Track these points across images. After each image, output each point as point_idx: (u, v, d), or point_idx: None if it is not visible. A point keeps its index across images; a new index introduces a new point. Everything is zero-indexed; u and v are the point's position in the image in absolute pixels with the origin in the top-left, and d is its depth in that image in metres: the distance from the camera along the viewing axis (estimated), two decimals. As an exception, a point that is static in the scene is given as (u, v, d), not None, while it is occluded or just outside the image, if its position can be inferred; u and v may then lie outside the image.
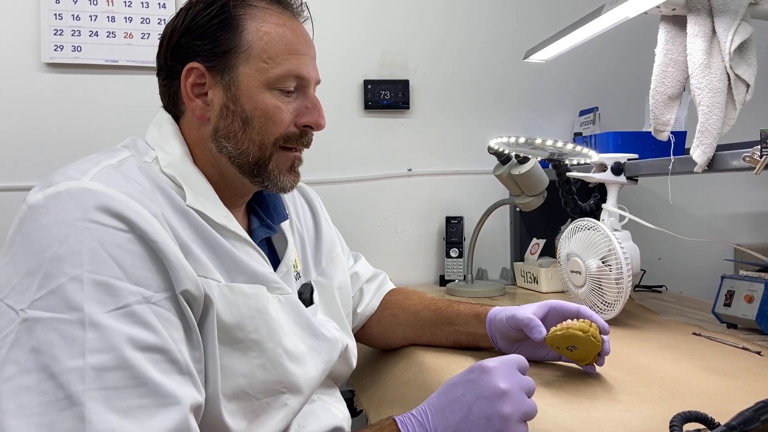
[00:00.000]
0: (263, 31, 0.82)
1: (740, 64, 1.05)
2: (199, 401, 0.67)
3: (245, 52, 0.82)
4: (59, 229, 0.64)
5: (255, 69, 0.82)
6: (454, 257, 1.81)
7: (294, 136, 0.85)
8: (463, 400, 0.68)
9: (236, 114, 0.82)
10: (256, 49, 0.82)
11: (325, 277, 1.01)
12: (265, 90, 0.82)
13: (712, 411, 0.64)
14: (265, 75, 0.82)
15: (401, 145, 1.88)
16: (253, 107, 0.82)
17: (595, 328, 0.87)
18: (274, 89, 0.83)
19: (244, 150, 0.83)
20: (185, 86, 0.83)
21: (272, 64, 0.82)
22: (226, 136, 0.83)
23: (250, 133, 0.83)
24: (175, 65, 0.84)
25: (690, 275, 1.94)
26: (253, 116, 0.82)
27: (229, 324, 0.75)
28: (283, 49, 0.83)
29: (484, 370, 0.69)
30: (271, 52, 0.82)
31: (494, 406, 0.66)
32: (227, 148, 0.83)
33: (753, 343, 1.06)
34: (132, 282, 0.65)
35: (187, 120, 0.86)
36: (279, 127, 0.84)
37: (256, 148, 0.83)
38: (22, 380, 0.59)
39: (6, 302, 0.63)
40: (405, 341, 1.12)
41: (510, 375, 0.69)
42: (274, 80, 0.82)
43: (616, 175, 1.28)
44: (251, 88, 0.82)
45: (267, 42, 0.82)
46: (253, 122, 0.82)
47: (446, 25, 1.90)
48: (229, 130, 0.83)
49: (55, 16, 1.64)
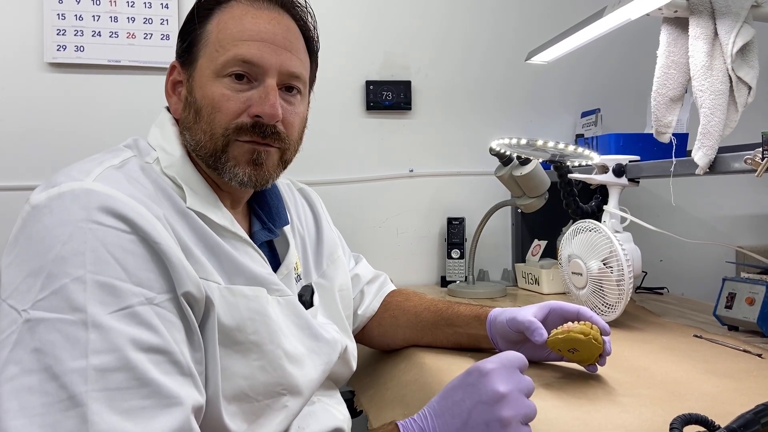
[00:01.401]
0: (223, 22, 0.82)
1: (742, 67, 1.05)
2: (200, 402, 0.68)
3: (203, 42, 0.82)
4: (62, 229, 0.65)
5: (207, 59, 0.81)
6: (455, 258, 1.81)
7: (245, 127, 0.80)
8: (462, 405, 0.67)
9: (191, 105, 0.82)
10: (212, 39, 0.82)
11: (326, 278, 1.01)
12: (215, 79, 0.81)
13: (712, 413, 0.64)
14: (214, 63, 0.80)
15: (403, 146, 1.89)
16: (202, 96, 0.81)
17: (596, 330, 0.87)
18: (223, 77, 0.80)
19: (198, 140, 0.82)
20: (166, 83, 0.86)
21: (222, 52, 0.80)
22: (186, 128, 0.83)
23: (201, 124, 0.81)
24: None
25: (691, 277, 1.94)
26: (202, 106, 0.81)
27: (229, 326, 0.75)
28: (235, 35, 0.80)
29: (482, 374, 0.68)
30: (222, 40, 0.81)
31: (493, 411, 0.65)
32: (188, 140, 0.83)
33: (754, 346, 1.06)
34: (134, 283, 0.65)
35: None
36: (225, 117, 0.80)
37: (207, 138, 0.81)
38: (24, 381, 0.59)
39: (8, 303, 0.63)
40: (405, 342, 1.12)
41: (508, 377, 0.68)
42: (221, 67, 0.80)
43: (618, 177, 1.28)
44: (203, 77, 0.81)
45: (221, 30, 0.81)
46: (202, 112, 0.81)
47: (448, 26, 1.90)
48: (186, 121, 0.83)
49: (58, 16, 1.65)
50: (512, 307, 0.99)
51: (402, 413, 0.96)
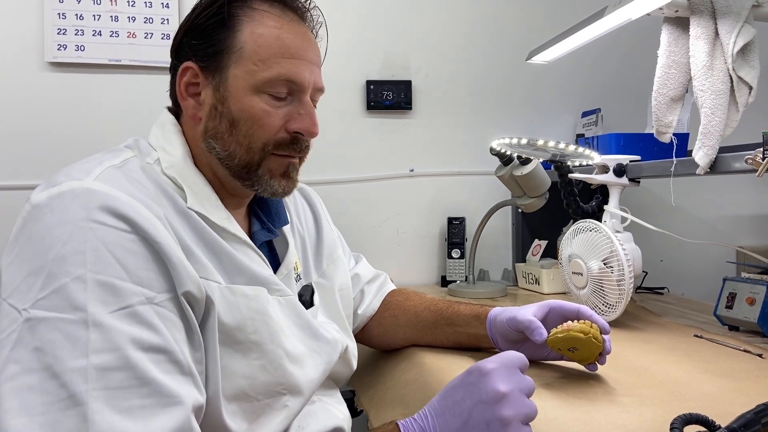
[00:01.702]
0: (257, 33, 0.80)
1: (743, 66, 1.05)
2: (200, 402, 0.68)
3: (237, 53, 0.80)
4: (63, 229, 0.65)
5: (245, 71, 0.80)
6: (455, 258, 1.81)
7: (285, 142, 0.83)
8: (462, 405, 0.67)
9: (223, 115, 0.81)
10: (248, 51, 0.80)
11: (326, 278, 1.01)
12: (253, 93, 0.81)
13: (713, 413, 0.64)
14: (254, 78, 0.80)
15: (403, 146, 1.89)
16: (240, 110, 0.80)
17: (595, 329, 0.87)
18: (263, 93, 0.81)
19: (231, 152, 0.82)
20: (179, 85, 0.83)
21: (262, 67, 0.80)
22: (214, 137, 0.82)
23: (236, 136, 0.81)
24: (177, 64, 0.84)
25: (692, 277, 1.94)
26: (239, 119, 0.81)
27: (229, 325, 0.75)
28: (276, 52, 0.80)
29: (483, 373, 0.68)
30: (262, 54, 0.80)
31: (494, 410, 0.65)
32: (215, 149, 0.82)
33: (754, 346, 1.06)
34: (135, 282, 0.65)
35: (185, 119, 0.86)
36: (266, 132, 0.81)
37: (243, 151, 0.81)
38: (24, 380, 0.59)
39: (9, 302, 0.64)
40: (406, 342, 1.12)
41: (509, 377, 0.68)
42: (263, 84, 0.80)
43: (618, 177, 1.28)
44: (239, 90, 0.80)
45: (260, 44, 0.80)
46: (239, 125, 0.81)
47: (449, 26, 1.90)
48: (216, 131, 0.82)
49: (59, 16, 1.65)
50: (512, 306, 0.99)
51: (402, 413, 0.95)
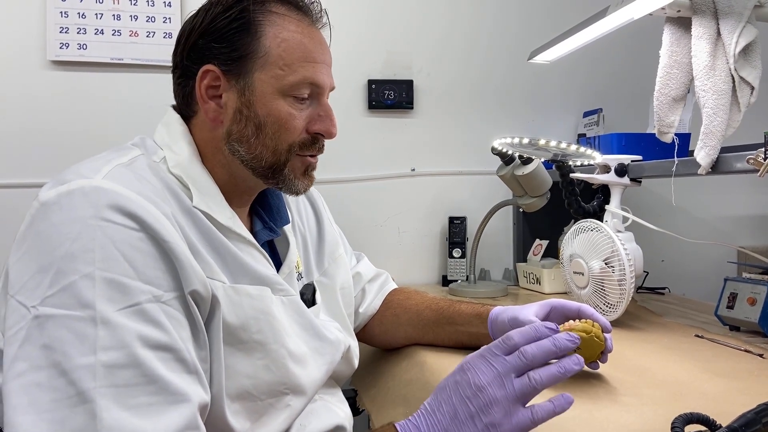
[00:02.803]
0: (281, 38, 0.82)
1: (745, 67, 1.05)
2: (206, 400, 0.68)
3: (262, 57, 0.81)
4: (72, 226, 0.65)
5: (270, 75, 0.82)
6: (456, 257, 1.81)
7: (307, 142, 0.85)
8: (450, 402, 0.67)
9: (249, 119, 0.82)
10: (273, 56, 0.81)
11: (328, 277, 1.01)
12: (279, 97, 0.82)
13: (713, 413, 0.64)
14: (280, 82, 0.82)
15: (405, 145, 1.89)
16: (267, 113, 0.82)
17: (597, 328, 0.87)
18: (288, 96, 0.83)
19: (257, 155, 0.83)
20: (200, 88, 0.83)
21: (288, 72, 0.82)
22: (239, 140, 0.83)
23: (263, 139, 0.83)
24: (191, 65, 0.83)
25: (693, 277, 1.94)
26: (266, 122, 0.82)
27: (233, 325, 0.75)
28: (300, 56, 0.83)
29: (464, 370, 0.67)
30: (287, 59, 0.82)
31: (474, 403, 0.64)
32: (240, 151, 0.83)
33: (755, 346, 1.06)
34: (143, 281, 0.66)
35: (200, 121, 0.85)
36: (292, 135, 0.84)
37: (269, 153, 0.83)
38: (33, 376, 0.60)
39: (17, 299, 0.64)
40: (407, 341, 1.13)
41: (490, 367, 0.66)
42: (289, 87, 0.82)
43: (620, 177, 1.28)
44: (266, 94, 0.82)
45: (284, 49, 0.82)
46: (266, 128, 0.82)
47: (450, 25, 1.90)
48: (242, 134, 0.82)
49: (61, 14, 1.65)
50: (513, 306, 0.99)
51: (403, 412, 0.96)
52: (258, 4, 0.82)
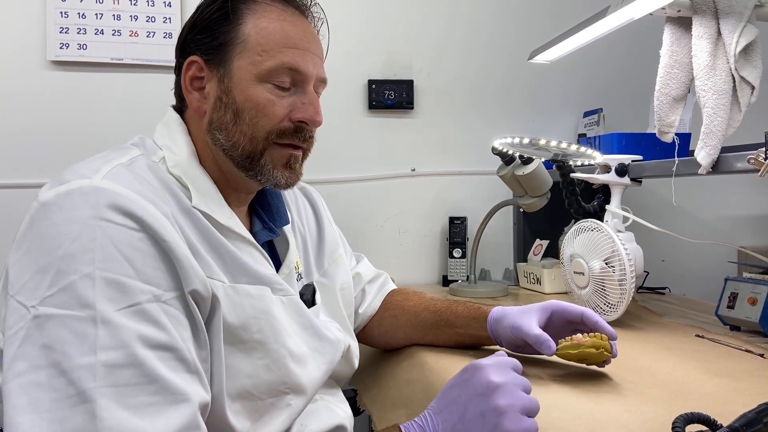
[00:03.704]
0: (261, 25, 0.82)
1: (745, 66, 1.05)
2: (206, 400, 0.68)
3: (240, 44, 0.82)
4: (71, 227, 0.65)
5: (249, 62, 0.81)
6: (457, 257, 1.81)
7: (288, 131, 0.84)
8: (458, 401, 0.68)
9: (228, 106, 0.82)
10: (252, 42, 0.82)
11: (328, 277, 1.01)
12: (257, 83, 0.82)
13: (714, 413, 0.64)
14: (257, 68, 0.81)
15: (405, 145, 1.89)
16: (244, 99, 0.82)
17: (605, 340, 0.88)
18: (267, 83, 0.82)
19: (235, 142, 0.83)
20: (185, 79, 0.84)
21: (266, 57, 0.81)
22: (219, 128, 0.83)
23: (240, 125, 0.82)
24: (182, 60, 0.85)
25: (693, 277, 1.94)
26: (243, 108, 0.82)
27: (233, 324, 0.75)
28: (279, 42, 0.82)
29: (477, 368, 0.69)
30: (265, 45, 0.82)
31: (488, 400, 0.66)
32: (220, 140, 0.83)
33: (756, 346, 1.06)
34: (143, 281, 0.66)
35: (189, 115, 0.87)
36: (270, 121, 0.82)
37: (247, 140, 0.82)
38: (32, 376, 0.60)
39: (17, 299, 0.64)
40: (407, 341, 1.12)
41: (503, 371, 0.69)
42: (267, 73, 0.82)
43: (620, 177, 1.28)
44: (243, 80, 0.82)
45: (263, 36, 0.82)
46: (244, 114, 0.82)
47: (451, 25, 1.90)
48: (221, 122, 0.83)
49: (61, 14, 1.65)
50: (513, 306, 0.99)
51: (404, 412, 0.96)
52: None
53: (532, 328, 0.91)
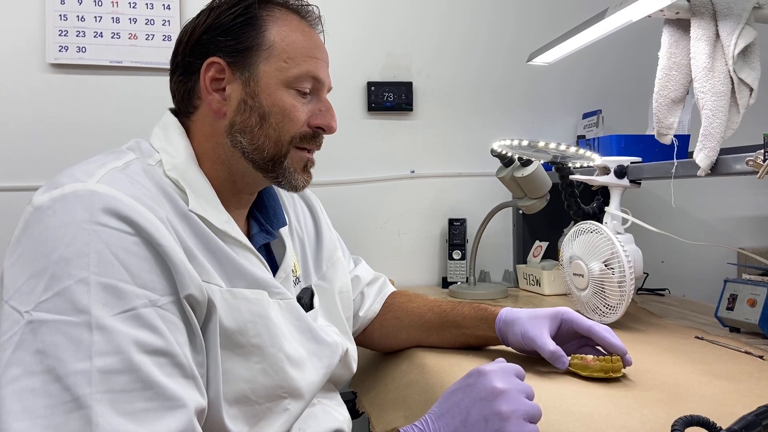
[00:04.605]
0: (284, 34, 0.85)
1: (744, 68, 1.05)
2: (202, 405, 0.68)
3: (267, 50, 0.83)
4: (66, 231, 0.64)
5: (275, 68, 0.83)
6: (456, 259, 1.81)
7: (308, 136, 0.87)
8: (461, 405, 0.68)
9: (254, 109, 0.83)
10: (278, 49, 0.84)
11: (326, 281, 1.01)
12: (283, 88, 0.84)
13: (714, 415, 0.64)
14: (284, 74, 0.84)
15: (404, 147, 1.89)
16: (271, 104, 0.83)
17: (615, 362, 0.89)
18: (291, 89, 0.85)
19: (259, 145, 0.84)
20: (204, 79, 0.84)
21: (292, 64, 0.84)
22: (242, 131, 0.84)
23: (266, 129, 0.84)
24: (195, 61, 0.85)
25: (693, 279, 1.93)
26: (270, 113, 0.83)
27: (230, 329, 0.75)
28: (303, 51, 0.85)
29: (481, 374, 0.70)
30: (291, 53, 0.84)
31: (491, 405, 0.67)
32: (242, 143, 0.84)
33: (755, 347, 1.06)
34: (138, 285, 0.65)
35: (200, 116, 0.86)
36: (295, 126, 0.85)
37: (271, 144, 0.84)
38: (27, 382, 0.59)
39: (11, 304, 0.63)
40: (409, 343, 1.12)
41: (507, 377, 0.69)
42: (293, 80, 0.84)
43: (619, 178, 1.28)
44: (270, 85, 0.83)
45: (288, 43, 0.84)
46: (270, 119, 0.84)
47: (450, 27, 1.90)
48: (245, 125, 0.83)
49: (60, 17, 1.65)
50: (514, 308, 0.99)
51: (404, 415, 0.96)
52: (261, 3, 0.85)
53: (546, 343, 0.92)
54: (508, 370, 0.71)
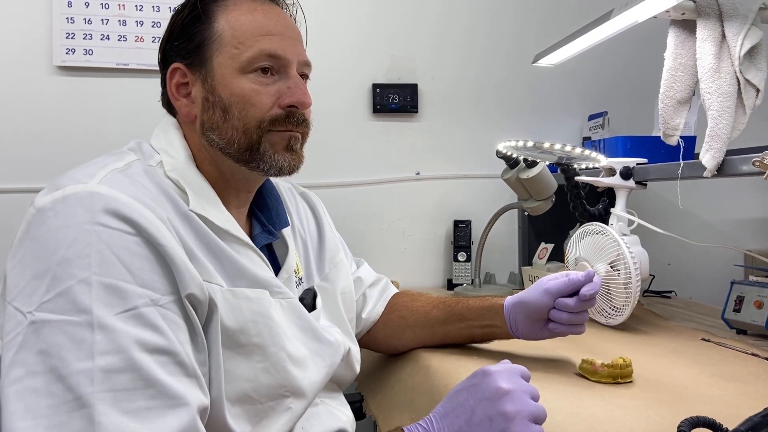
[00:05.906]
0: (233, 19, 0.83)
1: (750, 69, 1.05)
2: (205, 404, 0.68)
3: (216, 41, 0.82)
4: (67, 232, 0.65)
5: (227, 56, 0.82)
6: (461, 261, 1.81)
7: (280, 118, 0.84)
8: (466, 405, 0.68)
9: (216, 104, 0.83)
10: (227, 37, 0.82)
11: (329, 282, 1.01)
12: (240, 75, 0.82)
13: (720, 416, 0.64)
14: (237, 60, 0.82)
15: (409, 149, 1.89)
16: (230, 94, 0.82)
17: (624, 367, 0.89)
18: (249, 73, 0.82)
19: (229, 138, 0.83)
20: (170, 87, 0.85)
21: (243, 48, 0.82)
22: (211, 129, 0.83)
23: (231, 121, 0.82)
24: (164, 71, 0.87)
25: (699, 280, 1.93)
26: (231, 103, 0.82)
27: (232, 328, 0.75)
28: (253, 32, 0.83)
29: (486, 374, 0.70)
30: (240, 37, 0.82)
31: (496, 405, 0.66)
32: (215, 140, 0.83)
33: (762, 349, 1.05)
34: (140, 285, 0.65)
35: (182, 123, 0.87)
36: (259, 110, 0.82)
37: (240, 134, 0.82)
38: (29, 382, 0.59)
39: (13, 305, 0.64)
40: (415, 342, 1.12)
41: (512, 378, 0.69)
42: (247, 63, 0.82)
43: (625, 180, 1.28)
44: (225, 75, 0.82)
45: (236, 28, 0.82)
46: (232, 109, 0.82)
47: (455, 29, 1.91)
48: (212, 121, 0.83)
49: (67, 20, 1.66)
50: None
51: (410, 417, 0.95)
52: None
53: (569, 275, 0.95)
54: (513, 370, 0.71)
